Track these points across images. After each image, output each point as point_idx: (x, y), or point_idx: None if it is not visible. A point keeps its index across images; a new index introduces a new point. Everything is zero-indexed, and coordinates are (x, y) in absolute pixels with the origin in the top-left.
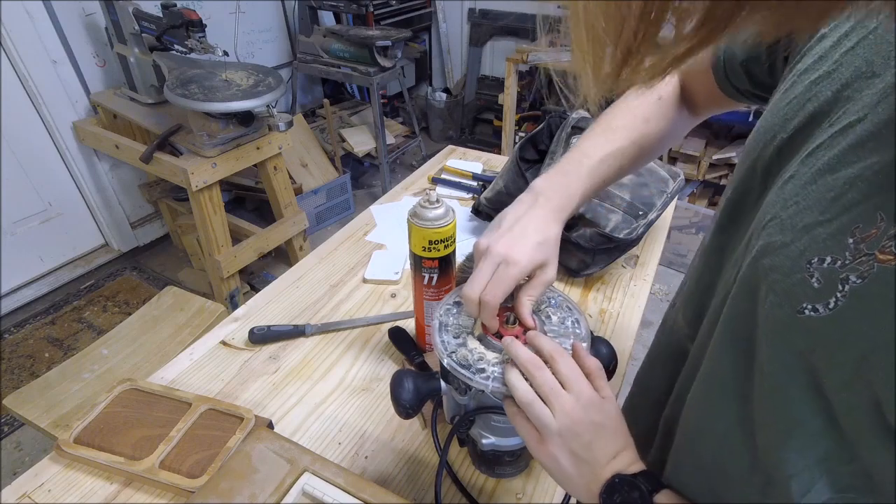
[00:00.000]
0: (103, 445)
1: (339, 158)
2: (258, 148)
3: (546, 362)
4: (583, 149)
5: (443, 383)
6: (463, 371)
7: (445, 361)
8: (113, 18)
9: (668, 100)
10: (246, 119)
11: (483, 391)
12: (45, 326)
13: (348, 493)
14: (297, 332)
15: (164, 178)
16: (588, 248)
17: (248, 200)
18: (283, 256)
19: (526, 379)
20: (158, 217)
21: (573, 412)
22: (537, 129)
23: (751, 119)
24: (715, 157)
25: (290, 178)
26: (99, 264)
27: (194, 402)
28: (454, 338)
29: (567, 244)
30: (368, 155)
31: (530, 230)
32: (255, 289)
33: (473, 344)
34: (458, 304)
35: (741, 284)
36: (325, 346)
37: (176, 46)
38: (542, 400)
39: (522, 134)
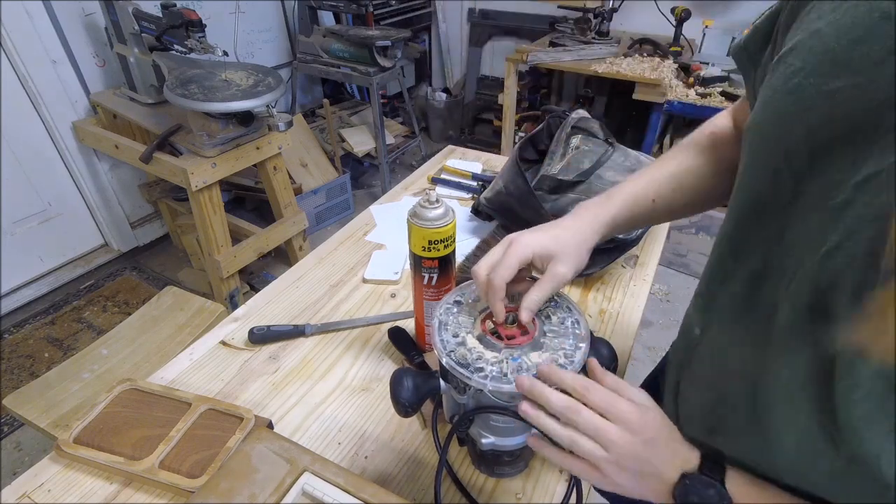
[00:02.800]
0: (103, 445)
1: (338, 158)
2: (258, 148)
3: (571, 394)
4: (623, 182)
5: (442, 382)
6: (461, 370)
7: (444, 360)
8: (113, 18)
9: (719, 136)
10: (246, 119)
11: (481, 390)
12: (45, 326)
13: (348, 493)
14: (296, 332)
15: (164, 178)
16: None
17: (248, 200)
18: (282, 256)
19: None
20: (158, 217)
21: (622, 441)
22: (537, 129)
23: None
24: None
25: (290, 178)
26: (99, 264)
27: (194, 402)
28: (453, 337)
29: None
30: (368, 155)
31: (552, 226)
32: (254, 289)
33: (473, 343)
34: (458, 303)
35: (812, 294)
36: (324, 346)
37: (176, 46)
38: (589, 436)
39: (522, 134)
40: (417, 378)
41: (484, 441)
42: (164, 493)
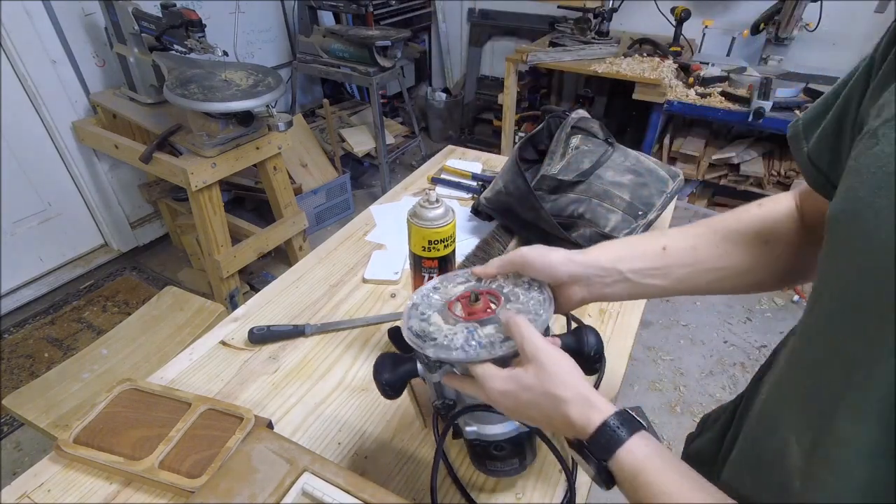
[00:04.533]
0: (103, 445)
1: (338, 158)
2: (258, 148)
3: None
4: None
5: (418, 363)
6: (416, 341)
7: (404, 334)
8: (112, 18)
9: (772, 209)
10: (245, 119)
11: (448, 364)
12: (45, 326)
13: (348, 493)
14: (296, 332)
15: (164, 178)
16: (587, 248)
17: (248, 200)
18: (282, 256)
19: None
20: (158, 217)
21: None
22: (537, 129)
23: (750, 119)
24: (714, 157)
25: (290, 178)
26: (98, 264)
27: (194, 402)
28: (421, 315)
29: (566, 244)
30: (368, 155)
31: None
32: (254, 289)
33: (436, 319)
34: (436, 288)
35: None
36: (324, 346)
37: (175, 46)
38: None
39: (522, 134)
40: (396, 359)
41: (468, 429)
42: (164, 493)
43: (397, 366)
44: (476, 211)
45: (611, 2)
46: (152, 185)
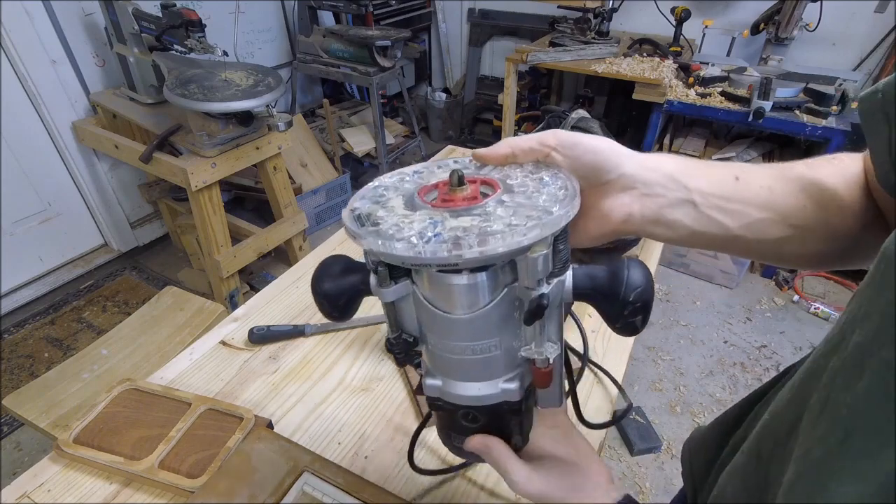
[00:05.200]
0: (103, 445)
1: (338, 158)
2: (258, 148)
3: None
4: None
5: (372, 276)
6: (352, 226)
7: (343, 215)
8: (112, 18)
9: (846, 169)
10: (245, 119)
11: (403, 273)
12: (45, 326)
13: (348, 493)
14: (296, 332)
15: (164, 178)
16: (587, 248)
17: (248, 200)
18: (282, 256)
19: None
20: (158, 217)
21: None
22: (537, 129)
23: (750, 119)
24: (714, 156)
25: (290, 178)
26: (98, 264)
27: (194, 402)
28: (378, 196)
29: None
30: (368, 155)
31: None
32: (254, 289)
33: (395, 203)
34: (417, 173)
35: None
36: (324, 347)
37: (175, 46)
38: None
39: (522, 134)
40: (346, 265)
41: (428, 384)
42: (164, 493)
43: (344, 274)
44: None
45: (611, 2)
46: (152, 185)
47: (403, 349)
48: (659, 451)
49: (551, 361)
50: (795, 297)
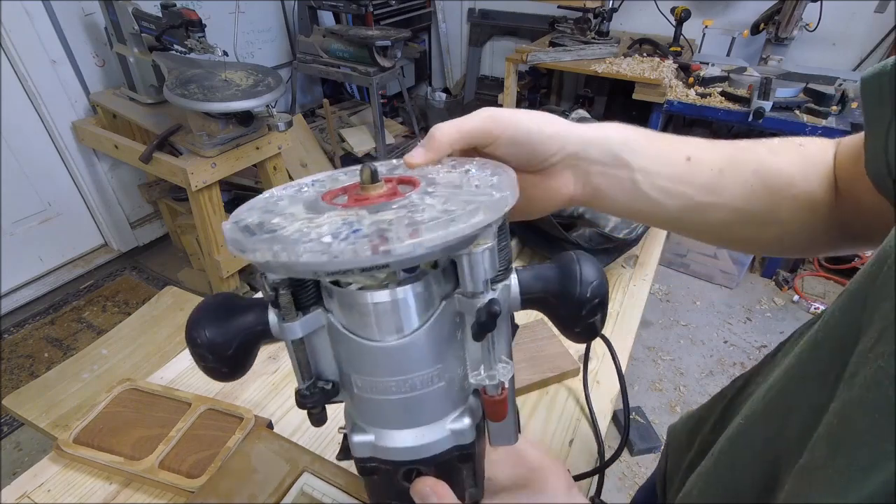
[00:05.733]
0: (103, 445)
1: (338, 158)
2: (258, 148)
3: None
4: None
5: (271, 313)
6: (237, 237)
7: (224, 229)
8: (112, 18)
9: (812, 156)
10: (245, 119)
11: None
12: (45, 326)
13: (348, 493)
14: None
15: (164, 178)
16: (587, 248)
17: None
18: None
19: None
20: (158, 217)
21: None
22: None
23: (750, 119)
24: None
25: (290, 178)
26: (98, 264)
27: (194, 402)
28: (271, 206)
29: (566, 245)
30: (368, 155)
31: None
32: (254, 289)
33: (293, 210)
34: (318, 182)
35: None
36: None
37: (175, 46)
38: None
39: None
40: (233, 304)
41: (356, 440)
42: (164, 494)
43: (232, 315)
44: None
45: (611, 2)
46: (152, 185)
47: (321, 401)
48: (659, 451)
49: (506, 385)
50: (795, 298)
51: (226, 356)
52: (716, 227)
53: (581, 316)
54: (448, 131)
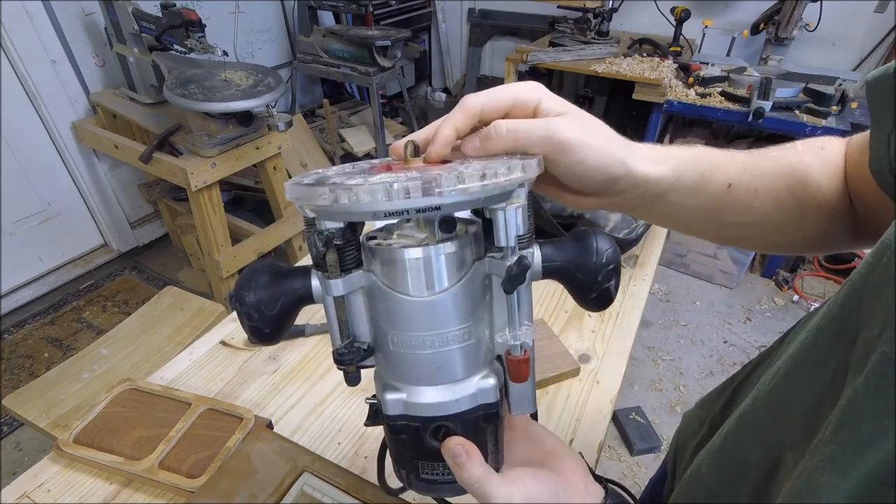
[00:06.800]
0: (103, 445)
1: (338, 158)
2: (257, 148)
3: None
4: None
5: (314, 278)
6: (301, 191)
7: (286, 189)
8: (112, 18)
9: (832, 158)
10: (245, 119)
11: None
12: (45, 326)
13: (348, 493)
14: (296, 332)
15: (164, 178)
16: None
17: (248, 200)
18: (282, 256)
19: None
20: (158, 217)
21: None
22: None
23: (749, 119)
24: None
25: (290, 178)
26: (98, 264)
27: (194, 402)
28: (323, 179)
29: None
30: (368, 155)
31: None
32: None
33: (355, 181)
34: (357, 166)
35: None
36: (324, 347)
37: (175, 46)
38: None
39: None
40: (278, 270)
41: (388, 399)
42: (164, 493)
43: (277, 279)
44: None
45: (611, 2)
46: (152, 185)
47: (356, 359)
48: (659, 450)
49: (529, 345)
50: (795, 297)
51: (270, 316)
52: (736, 239)
53: (597, 282)
54: (495, 130)
